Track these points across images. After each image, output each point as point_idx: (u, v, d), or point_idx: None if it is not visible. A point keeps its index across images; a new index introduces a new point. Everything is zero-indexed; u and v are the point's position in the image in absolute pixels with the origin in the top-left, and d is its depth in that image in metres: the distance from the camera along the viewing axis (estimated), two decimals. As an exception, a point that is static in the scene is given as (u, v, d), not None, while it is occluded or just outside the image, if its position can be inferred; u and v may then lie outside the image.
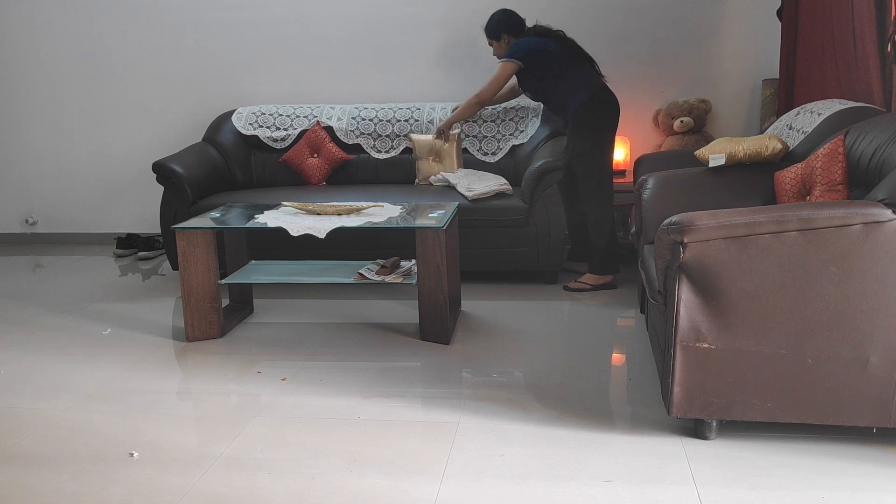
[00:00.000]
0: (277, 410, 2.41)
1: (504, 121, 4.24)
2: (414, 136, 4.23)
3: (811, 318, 1.95)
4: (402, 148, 4.34)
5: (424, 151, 4.19)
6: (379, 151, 4.36)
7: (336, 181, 4.37)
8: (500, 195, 3.75)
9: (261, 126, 4.44)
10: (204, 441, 2.25)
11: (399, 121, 4.34)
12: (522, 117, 4.24)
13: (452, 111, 4.09)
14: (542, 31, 3.67)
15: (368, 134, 4.37)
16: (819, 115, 2.98)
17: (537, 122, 4.20)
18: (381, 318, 3.31)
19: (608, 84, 3.65)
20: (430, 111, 4.33)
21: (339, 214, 3.11)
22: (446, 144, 4.09)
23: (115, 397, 2.54)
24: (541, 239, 3.70)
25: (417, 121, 4.32)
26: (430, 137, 4.16)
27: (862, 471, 1.96)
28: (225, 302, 3.34)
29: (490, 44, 3.80)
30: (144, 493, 1.92)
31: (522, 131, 4.22)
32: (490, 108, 4.20)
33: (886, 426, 2.00)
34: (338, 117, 4.41)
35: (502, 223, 3.68)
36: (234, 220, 3.19)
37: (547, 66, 3.59)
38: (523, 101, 4.21)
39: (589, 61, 3.66)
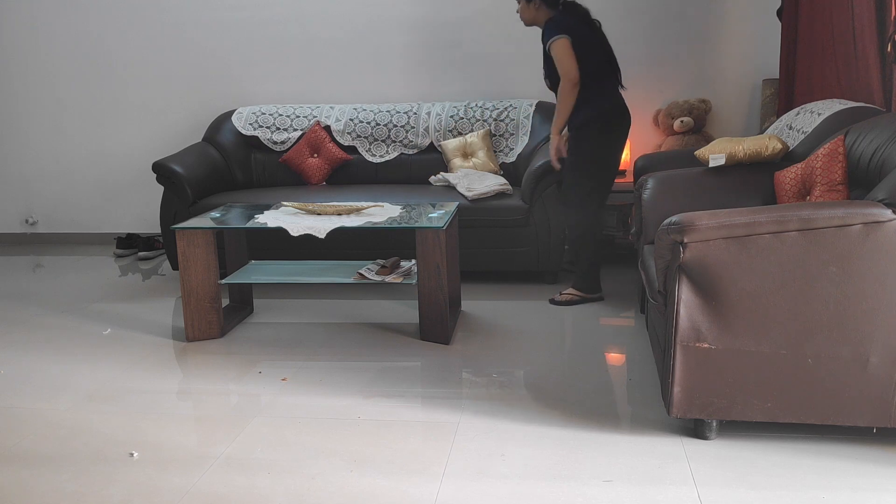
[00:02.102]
0: (277, 410, 2.41)
1: (495, 136, 4.26)
2: (443, 143, 4.25)
3: (811, 318, 1.95)
4: (396, 153, 4.34)
5: (454, 153, 4.22)
6: (374, 155, 4.36)
7: (336, 181, 4.37)
8: (500, 195, 3.75)
9: (261, 126, 4.44)
10: (204, 441, 2.24)
11: (395, 126, 4.34)
12: (513, 133, 4.24)
13: (555, 117, 3.55)
14: (570, 8, 3.42)
15: (364, 137, 4.37)
16: (819, 115, 2.98)
17: (526, 139, 4.21)
18: (381, 318, 3.31)
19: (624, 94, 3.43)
20: (426, 117, 4.33)
21: (339, 214, 3.11)
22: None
23: (115, 397, 2.55)
24: (541, 239, 3.70)
25: (413, 127, 4.32)
26: (456, 140, 4.19)
27: (862, 471, 1.96)
28: (225, 302, 3.34)
29: (518, 1, 3.46)
30: (144, 493, 1.92)
31: (512, 149, 4.23)
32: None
33: (886, 426, 2.00)
34: (336, 118, 4.42)
35: (502, 223, 3.68)
36: (234, 220, 3.19)
37: (577, 59, 3.32)
38: (511, 125, 4.23)
39: (614, 70, 3.43)
